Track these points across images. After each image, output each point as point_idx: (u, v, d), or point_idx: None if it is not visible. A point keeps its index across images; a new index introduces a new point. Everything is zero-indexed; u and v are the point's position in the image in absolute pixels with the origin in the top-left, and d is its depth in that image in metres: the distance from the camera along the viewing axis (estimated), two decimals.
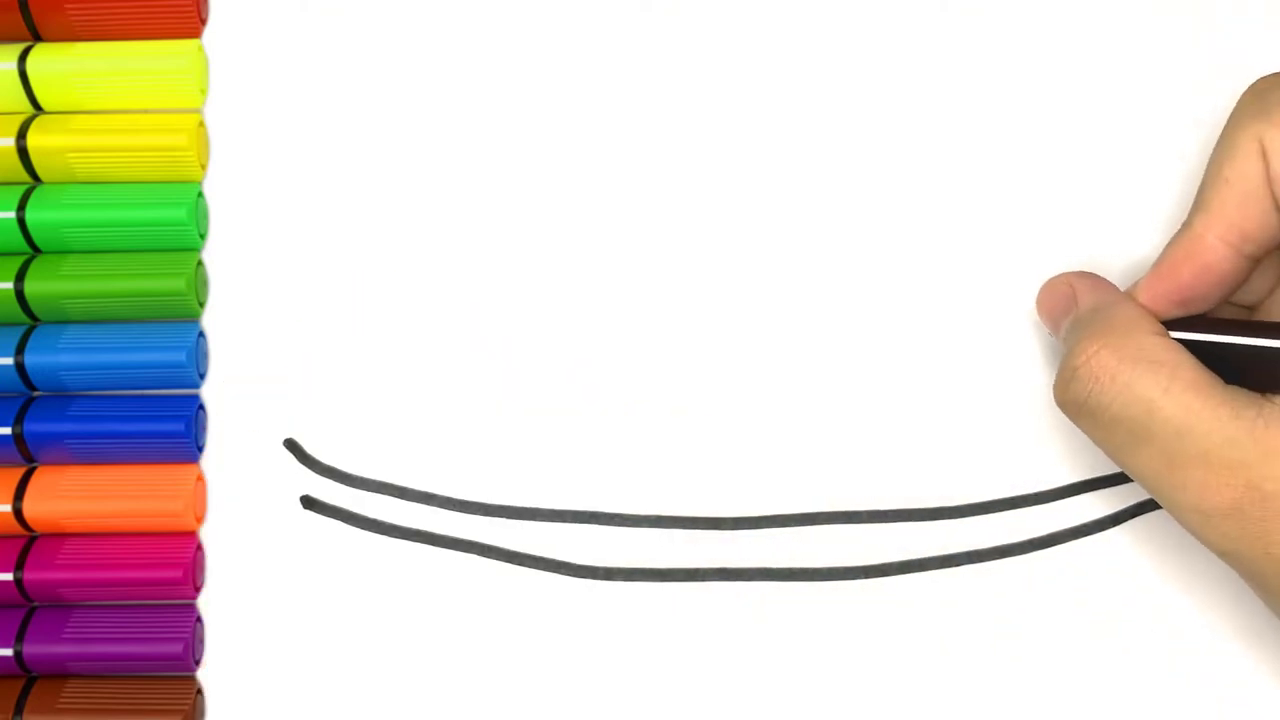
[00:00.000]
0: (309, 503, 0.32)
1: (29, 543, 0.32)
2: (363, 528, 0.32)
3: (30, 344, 0.32)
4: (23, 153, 0.32)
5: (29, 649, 0.31)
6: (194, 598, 0.32)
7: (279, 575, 0.32)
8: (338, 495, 0.32)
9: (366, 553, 0.32)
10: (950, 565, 0.31)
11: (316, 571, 0.32)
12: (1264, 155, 0.24)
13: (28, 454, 0.32)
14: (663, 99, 0.33)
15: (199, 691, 0.32)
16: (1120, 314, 0.26)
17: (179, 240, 0.32)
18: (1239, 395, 0.24)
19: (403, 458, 0.32)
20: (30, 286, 0.32)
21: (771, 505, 0.32)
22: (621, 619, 0.32)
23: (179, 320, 0.33)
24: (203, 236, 0.33)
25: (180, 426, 0.32)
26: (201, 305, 0.33)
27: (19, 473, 0.32)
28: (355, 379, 0.33)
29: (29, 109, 0.33)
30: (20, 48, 0.32)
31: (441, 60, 0.33)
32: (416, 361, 0.33)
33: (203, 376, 0.33)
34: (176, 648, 0.31)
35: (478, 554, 0.32)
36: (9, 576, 0.31)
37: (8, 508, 0.31)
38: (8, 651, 0.31)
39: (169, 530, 0.32)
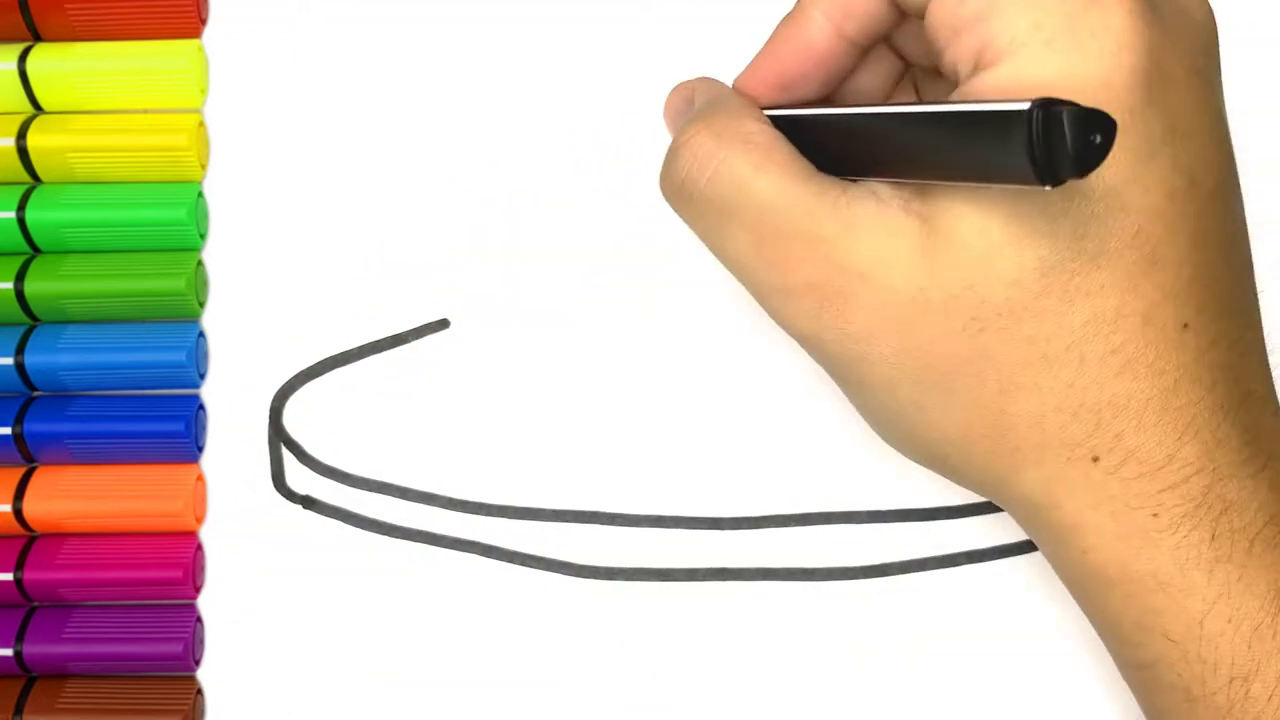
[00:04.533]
0: (309, 503, 0.32)
1: (29, 543, 0.32)
2: (363, 528, 0.32)
3: (30, 344, 0.32)
4: (23, 153, 0.32)
5: (29, 649, 0.31)
6: (194, 598, 0.32)
7: (279, 575, 0.32)
8: (338, 495, 0.32)
9: (366, 553, 0.32)
10: (950, 565, 0.31)
11: (316, 571, 0.32)
12: None
13: (28, 454, 0.32)
14: (662, 100, 0.33)
15: (199, 691, 0.32)
16: (726, 103, 0.26)
17: (179, 240, 0.32)
18: (827, 179, 0.24)
19: (403, 458, 0.32)
20: (30, 286, 0.32)
21: (771, 505, 0.32)
22: (621, 619, 0.32)
23: (179, 320, 0.33)
24: (203, 236, 0.33)
25: (180, 426, 0.32)
26: (201, 305, 0.33)
27: (19, 473, 0.32)
28: (356, 379, 0.33)
29: (29, 109, 0.33)
30: (20, 48, 0.32)
31: (441, 60, 0.34)
32: (417, 362, 0.33)
33: (203, 376, 0.33)
34: (176, 648, 0.31)
35: (478, 554, 0.32)
36: (9, 576, 0.31)
37: (8, 508, 0.31)
38: (8, 651, 0.31)
39: (169, 530, 0.32)
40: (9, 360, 0.32)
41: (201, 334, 0.33)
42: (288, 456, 0.33)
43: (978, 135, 0.20)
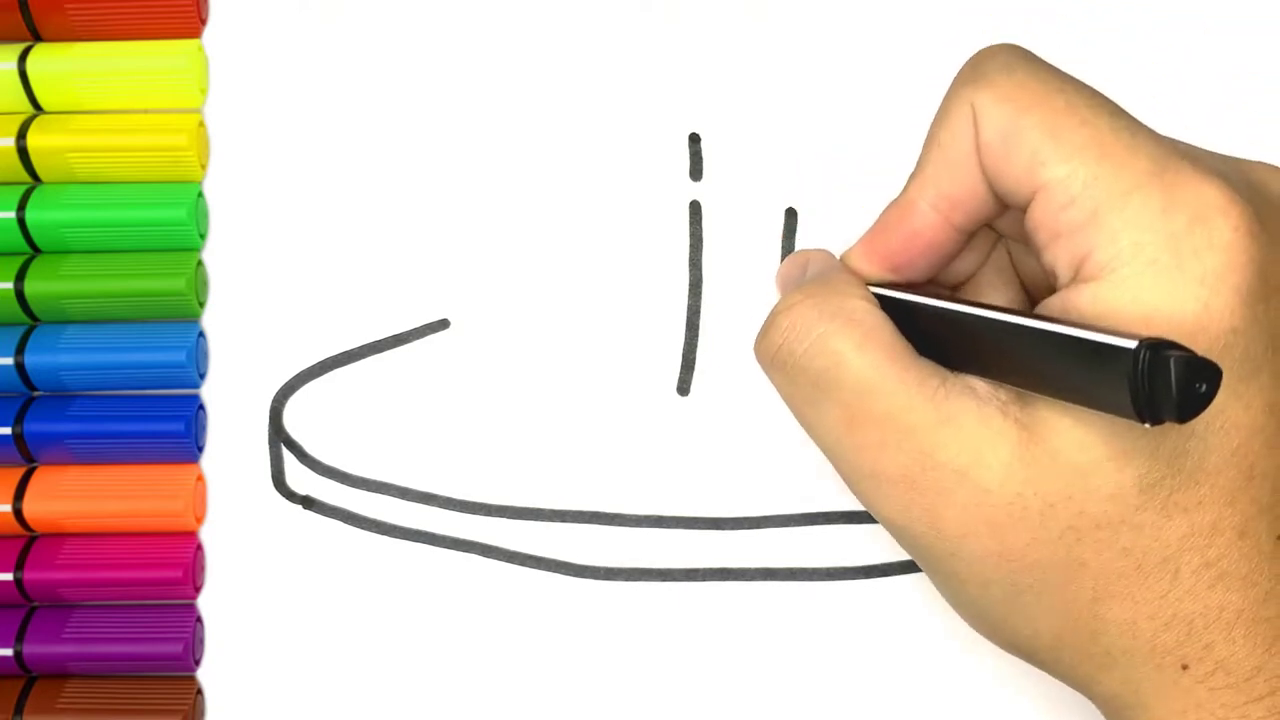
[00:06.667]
0: (309, 503, 0.32)
1: (29, 543, 0.32)
2: (363, 528, 0.32)
3: (30, 344, 0.32)
4: (23, 153, 0.32)
5: (29, 649, 0.31)
6: (194, 598, 0.32)
7: (279, 575, 0.32)
8: (338, 495, 0.32)
9: (366, 553, 0.32)
10: None
11: (316, 571, 0.32)
12: (974, 120, 0.23)
13: (28, 454, 0.32)
14: (662, 99, 0.33)
15: (199, 691, 0.32)
16: (834, 277, 0.26)
17: (179, 240, 0.32)
18: (928, 365, 0.24)
19: (403, 458, 0.32)
20: (30, 286, 0.32)
21: (771, 505, 0.32)
22: (621, 619, 0.32)
23: (179, 320, 0.33)
24: (203, 236, 0.33)
25: (180, 426, 0.32)
26: (201, 305, 0.33)
27: (19, 473, 0.32)
28: (356, 379, 0.33)
29: (29, 109, 0.33)
30: (20, 48, 0.32)
31: (441, 60, 0.33)
32: (417, 361, 0.33)
33: (203, 376, 0.33)
34: (176, 648, 0.31)
35: (478, 554, 0.32)
36: (9, 576, 0.31)
37: (8, 508, 0.31)
38: (8, 651, 0.31)
39: (169, 530, 0.32)
40: (9, 360, 0.32)
41: (201, 334, 0.33)
42: (288, 456, 0.33)
43: (1081, 360, 0.20)
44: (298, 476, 0.33)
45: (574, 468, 0.32)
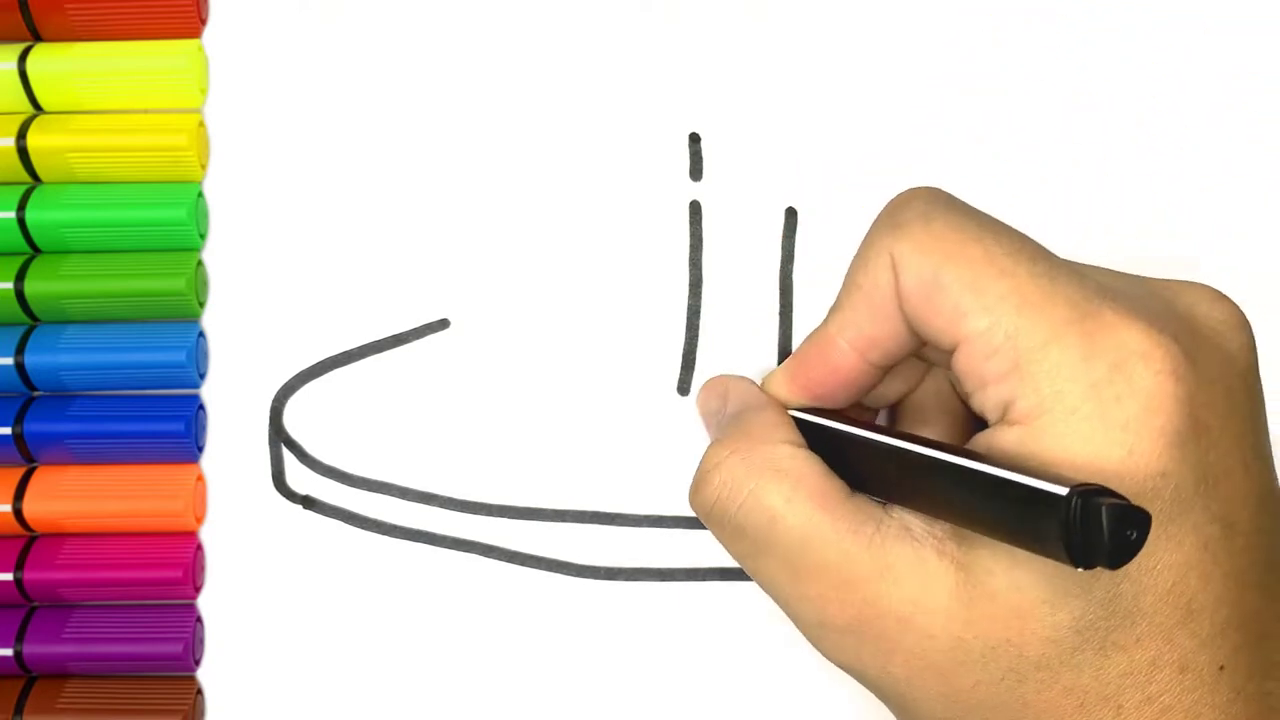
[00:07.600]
0: (309, 503, 0.32)
1: (29, 543, 0.32)
2: (363, 528, 0.32)
3: (30, 344, 0.32)
4: (23, 153, 0.32)
5: (29, 649, 0.31)
6: (194, 598, 0.32)
7: (279, 575, 0.32)
8: (338, 495, 0.32)
9: (366, 553, 0.32)
10: None
11: (316, 571, 0.32)
12: (893, 268, 0.24)
13: (28, 454, 0.32)
14: (662, 99, 0.33)
15: (199, 691, 0.32)
16: (756, 420, 0.26)
17: (179, 240, 0.32)
18: (861, 508, 0.24)
19: (403, 458, 0.32)
20: (30, 286, 0.32)
21: None
22: (622, 619, 0.32)
23: (179, 320, 0.33)
24: (203, 236, 0.33)
25: (180, 426, 0.32)
26: (201, 305, 0.33)
27: (19, 473, 0.32)
28: (356, 379, 0.33)
29: (29, 109, 0.33)
30: (20, 48, 0.32)
31: (441, 60, 0.34)
32: (417, 361, 0.33)
33: (203, 376, 0.33)
34: (176, 648, 0.31)
35: (478, 554, 0.32)
36: (9, 576, 0.31)
37: (8, 508, 0.31)
38: (8, 651, 0.31)
39: (169, 530, 0.32)
40: (9, 360, 0.32)
41: (201, 334, 0.33)
42: (288, 456, 0.33)
43: (1012, 503, 0.20)
44: (298, 476, 0.33)
45: (574, 468, 0.32)
